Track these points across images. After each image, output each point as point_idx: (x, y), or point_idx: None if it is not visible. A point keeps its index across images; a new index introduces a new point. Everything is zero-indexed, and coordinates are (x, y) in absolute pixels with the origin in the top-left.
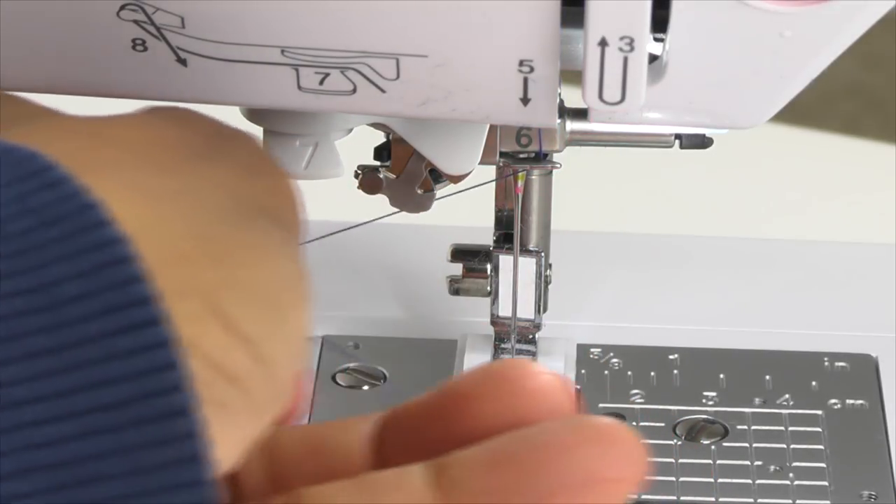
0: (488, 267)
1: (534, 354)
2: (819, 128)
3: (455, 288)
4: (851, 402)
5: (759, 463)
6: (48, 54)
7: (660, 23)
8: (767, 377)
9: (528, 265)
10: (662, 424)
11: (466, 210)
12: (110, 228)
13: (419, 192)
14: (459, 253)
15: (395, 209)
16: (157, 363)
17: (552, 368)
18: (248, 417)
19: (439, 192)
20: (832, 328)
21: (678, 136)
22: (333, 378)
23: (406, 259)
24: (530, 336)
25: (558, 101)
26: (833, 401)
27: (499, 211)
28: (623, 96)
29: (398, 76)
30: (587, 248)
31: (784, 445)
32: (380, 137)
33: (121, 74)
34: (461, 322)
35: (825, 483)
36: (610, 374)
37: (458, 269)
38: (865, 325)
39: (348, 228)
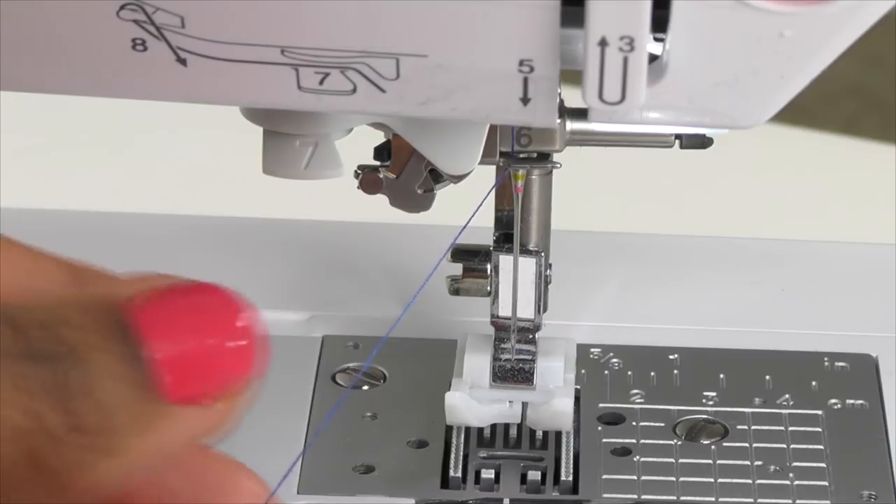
0: (488, 267)
1: (534, 354)
2: (819, 128)
3: (455, 288)
4: (851, 402)
5: (759, 463)
6: (48, 54)
7: (660, 23)
8: (767, 377)
9: (528, 265)
10: (662, 424)
11: (466, 210)
12: None
13: (419, 192)
14: (459, 253)
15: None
16: None
17: (552, 368)
18: None
19: (441, 191)
20: (832, 328)
21: (678, 136)
22: (333, 378)
23: (406, 259)
24: (530, 336)
25: (558, 101)
26: (833, 401)
27: (499, 211)
28: (623, 96)
29: (398, 76)
30: (587, 248)
31: (784, 445)
32: (380, 137)
33: (121, 74)
34: (461, 322)
35: (825, 483)
36: (610, 374)
37: (458, 269)
38: (865, 325)
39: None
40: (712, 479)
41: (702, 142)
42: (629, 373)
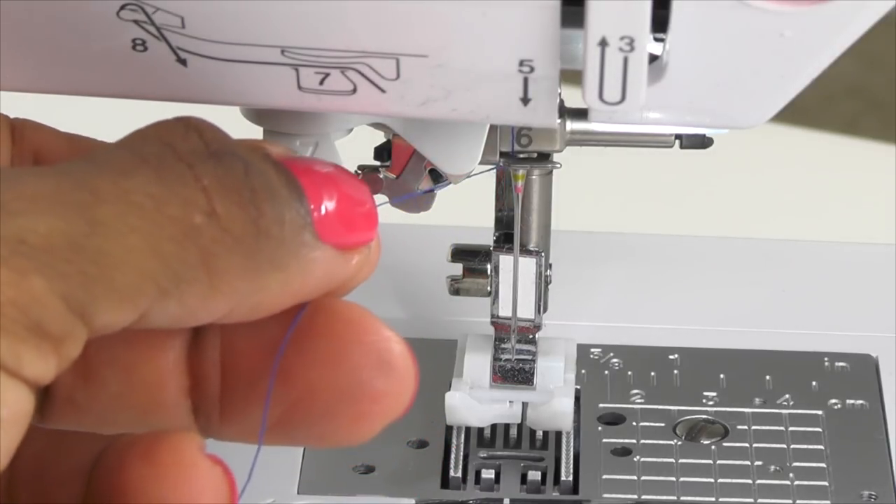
0: (488, 267)
1: (534, 354)
2: (819, 128)
3: (455, 288)
4: (851, 402)
5: (759, 463)
6: (48, 54)
7: (660, 23)
8: (767, 377)
9: (528, 265)
10: (662, 424)
11: (466, 210)
12: None
13: (419, 192)
14: (459, 253)
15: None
16: None
17: (552, 368)
18: None
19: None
20: (832, 328)
21: (678, 136)
22: None
23: (406, 259)
24: (530, 336)
25: (558, 101)
26: (833, 401)
27: (499, 211)
28: (623, 96)
29: (398, 76)
30: (587, 248)
31: (784, 445)
32: (380, 137)
33: (121, 74)
34: (461, 322)
35: (825, 483)
36: (610, 374)
37: (458, 269)
38: (865, 325)
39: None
40: (712, 479)
41: (702, 142)
42: (629, 373)
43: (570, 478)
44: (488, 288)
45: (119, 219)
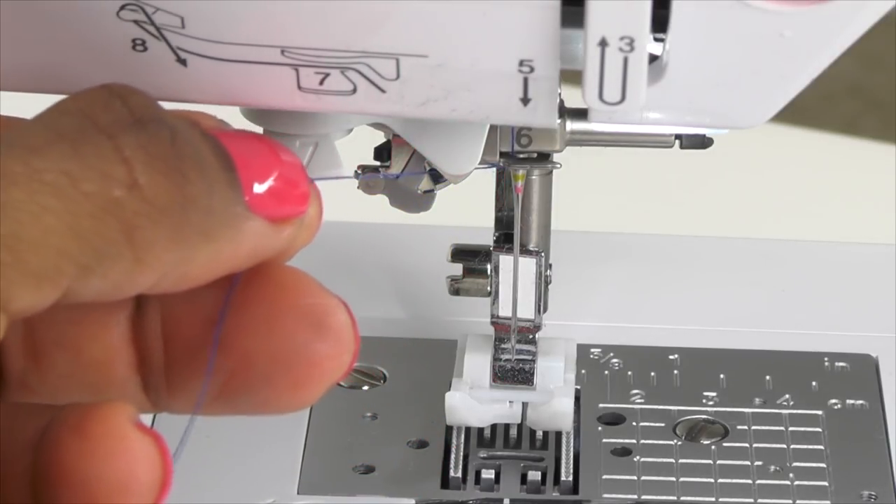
0: (488, 267)
1: (534, 354)
2: (819, 128)
3: (455, 288)
4: (851, 402)
5: (759, 463)
6: (48, 54)
7: (660, 23)
8: (767, 377)
9: (528, 265)
10: (662, 424)
11: (466, 210)
12: None
13: (419, 192)
14: (459, 253)
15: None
16: None
17: (552, 368)
18: None
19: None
20: (832, 328)
21: (678, 136)
22: None
23: (406, 259)
24: (530, 336)
25: (558, 101)
26: (833, 401)
27: (499, 211)
28: (623, 96)
29: (398, 76)
30: (587, 248)
31: (784, 445)
32: (380, 137)
33: (121, 74)
34: (461, 322)
35: (825, 483)
36: (610, 374)
37: (458, 269)
38: (865, 325)
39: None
40: (712, 480)
41: (702, 142)
42: (629, 373)
43: (570, 478)
44: (488, 288)
45: (31, 200)
